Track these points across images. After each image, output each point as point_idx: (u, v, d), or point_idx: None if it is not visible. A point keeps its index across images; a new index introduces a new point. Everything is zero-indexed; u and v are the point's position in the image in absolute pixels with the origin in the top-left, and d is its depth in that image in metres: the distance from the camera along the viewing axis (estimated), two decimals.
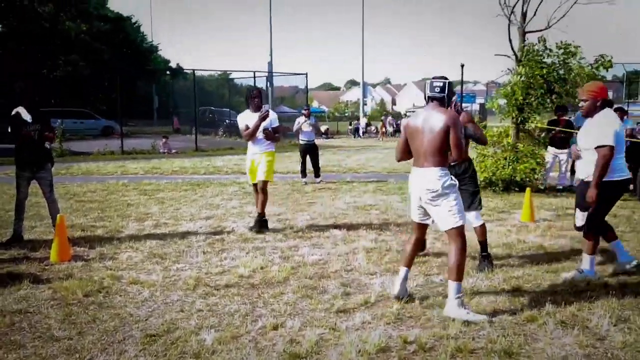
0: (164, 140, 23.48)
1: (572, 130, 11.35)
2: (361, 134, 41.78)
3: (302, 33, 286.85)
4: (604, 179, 5.24)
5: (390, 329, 4.35)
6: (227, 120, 32.19)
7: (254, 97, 7.85)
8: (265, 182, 7.82)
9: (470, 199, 5.87)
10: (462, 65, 37.15)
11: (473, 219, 5.91)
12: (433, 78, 4.81)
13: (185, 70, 35.60)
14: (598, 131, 5.26)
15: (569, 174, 11.81)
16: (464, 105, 41.82)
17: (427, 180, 4.64)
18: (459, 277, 4.59)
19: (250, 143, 7.89)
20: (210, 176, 14.56)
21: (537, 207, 9.31)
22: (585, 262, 5.58)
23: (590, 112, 5.41)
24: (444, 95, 4.71)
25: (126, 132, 26.97)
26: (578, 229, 5.86)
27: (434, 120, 4.61)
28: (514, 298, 5.02)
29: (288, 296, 5.08)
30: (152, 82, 44.08)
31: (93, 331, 4.31)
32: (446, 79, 4.75)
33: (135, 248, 6.80)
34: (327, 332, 4.29)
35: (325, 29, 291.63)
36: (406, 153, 4.97)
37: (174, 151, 22.69)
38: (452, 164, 5.50)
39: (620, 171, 5.34)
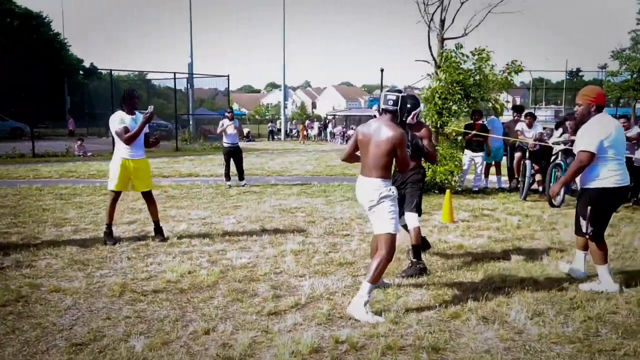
0: (79, 142, 22.60)
1: (487, 135, 11.92)
2: (282, 137, 41.92)
3: (222, 34, 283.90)
4: (593, 186, 5.28)
5: (322, 330, 4.42)
6: None
7: (135, 98, 7.32)
8: (149, 191, 7.46)
9: (410, 201, 6.07)
10: (382, 70, 38.25)
11: (410, 219, 6.06)
12: (387, 91, 4.93)
13: (100, 70, 34.35)
14: (584, 136, 5.29)
15: (483, 176, 12.39)
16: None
17: (368, 189, 4.83)
18: (374, 280, 4.71)
19: (124, 147, 7.15)
20: None
21: (456, 208, 9.70)
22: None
23: (584, 117, 5.36)
24: (397, 108, 4.83)
25: (37, 134, 25.73)
26: (581, 234, 5.62)
27: (383, 135, 4.74)
28: (438, 296, 5.21)
29: (218, 300, 5.05)
30: (64, 82, 42.23)
31: (13, 342, 4.11)
32: (400, 92, 4.87)
33: (54, 255, 6.53)
34: (259, 334, 4.30)
35: (246, 30, 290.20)
36: (351, 157, 5.24)
37: (89, 154, 21.86)
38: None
39: (616, 178, 5.25)
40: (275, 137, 43.82)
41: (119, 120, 7.15)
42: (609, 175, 5.26)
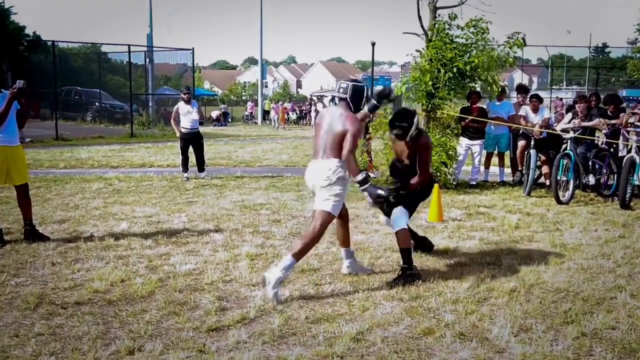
0: None
1: (486, 120, 11.89)
2: (259, 121, 41.77)
3: (192, 1, 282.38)
4: None
5: (268, 349, 4.36)
6: (97, 103, 31.12)
7: (2, 73, 7.21)
8: (27, 184, 7.36)
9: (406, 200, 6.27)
10: (373, 44, 38.07)
11: (396, 216, 6.18)
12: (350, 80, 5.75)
13: (45, 42, 33.88)
14: None
15: (482, 167, 12.38)
16: (376, 88, 42.52)
17: (323, 170, 5.47)
18: (296, 256, 5.35)
19: None
20: (71, 170, 14.04)
21: (447, 205, 9.68)
22: None
23: None
24: (347, 97, 5.57)
25: None
26: None
27: (337, 121, 5.49)
28: (411, 308, 5.18)
29: (151, 314, 4.98)
30: (4, 55, 41.68)
31: None
32: (357, 81, 5.60)
33: None
34: (193, 354, 4.24)
35: None
36: None
37: (27, 140, 21.56)
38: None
39: None
40: (252, 120, 43.73)
41: None
42: None
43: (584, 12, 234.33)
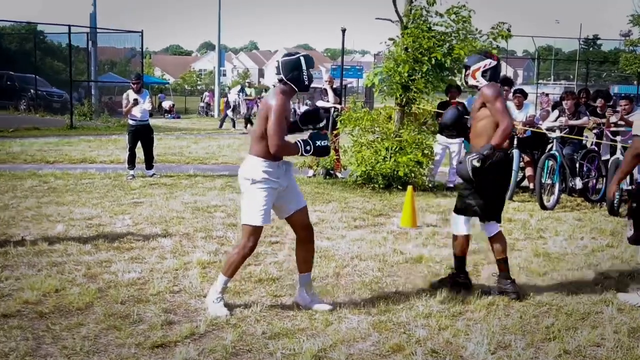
0: None
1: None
2: (215, 113, 41.41)
3: None
4: None
5: None
6: (32, 90, 30.62)
7: None
8: None
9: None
10: (344, 31, 38.05)
11: (454, 222, 6.26)
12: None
13: None
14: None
15: None
16: (347, 80, 42.49)
17: (242, 170, 5.33)
18: (226, 273, 5.29)
19: None
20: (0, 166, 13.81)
21: (422, 209, 9.76)
22: None
23: None
24: (282, 76, 5.19)
25: None
26: (628, 240, 6.19)
27: (262, 105, 5.31)
28: (380, 323, 5.21)
29: (88, 328, 4.94)
30: None
31: None
32: (288, 55, 5.28)
33: None
34: None
35: None
36: None
37: None
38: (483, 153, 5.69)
39: None
40: (209, 113, 43.44)
41: None
42: None
43: (574, 0, 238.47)
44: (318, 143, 5.26)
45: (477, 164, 5.55)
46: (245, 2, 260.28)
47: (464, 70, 6.19)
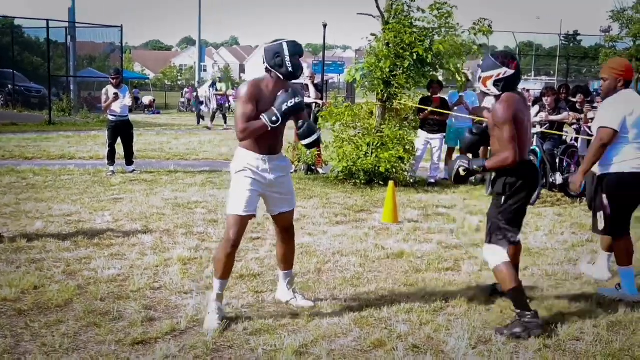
0: None
1: (447, 112, 12.07)
2: (203, 109, 41.18)
3: None
4: (610, 171, 5.76)
5: None
6: (9, 86, 30.33)
7: None
8: None
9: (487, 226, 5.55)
10: (325, 26, 38.16)
11: (486, 253, 5.42)
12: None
13: None
14: (607, 111, 5.79)
15: (442, 164, 12.56)
16: (329, 75, 42.22)
17: (233, 160, 5.34)
18: (216, 274, 5.14)
19: None
20: None
21: (403, 204, 9.79)
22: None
23: (609, 93, 5.84)
24: (266, 65, 5.15)
25: None
26: (597, 231, 6.23)
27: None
28: (361, 319, 5.23)
29: (68, 325, 4.93)
30: None
31: None
32: (274, 42, 5.18)
33: None
34: None
35: None
36: None
37: None
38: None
39: (637, 162, 5.71)
40: (189, 108, 43.19)
41: None
42: (629, 158, 5.71)
43: None
44: (284, 106, 4.96)
45: (462, 173, 5.47)
46: None
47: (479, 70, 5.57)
